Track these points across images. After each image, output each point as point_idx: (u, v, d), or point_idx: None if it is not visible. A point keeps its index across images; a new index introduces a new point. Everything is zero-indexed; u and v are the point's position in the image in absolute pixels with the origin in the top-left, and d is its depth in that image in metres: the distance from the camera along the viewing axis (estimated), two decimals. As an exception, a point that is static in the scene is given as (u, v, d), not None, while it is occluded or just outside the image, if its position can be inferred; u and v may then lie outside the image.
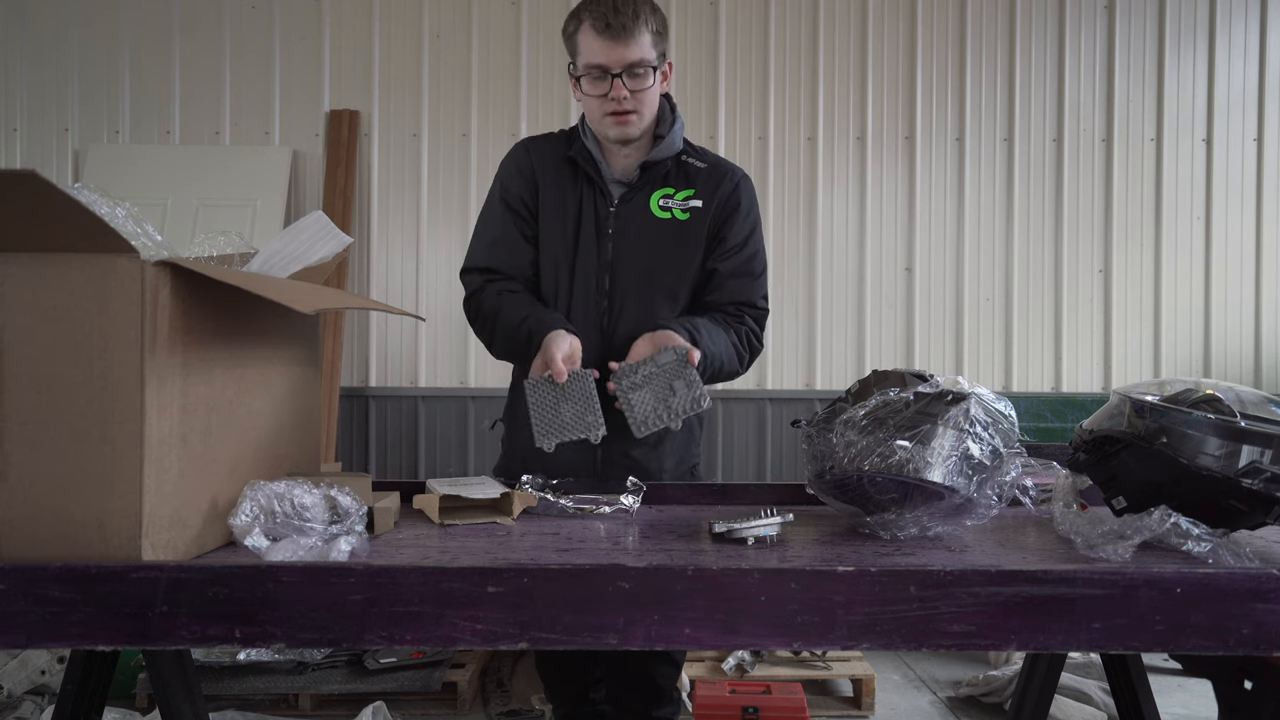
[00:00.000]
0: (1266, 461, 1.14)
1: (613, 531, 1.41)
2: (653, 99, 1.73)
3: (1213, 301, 4.09)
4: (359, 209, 3.97)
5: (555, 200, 1.81)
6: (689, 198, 1.80)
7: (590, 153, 1.80)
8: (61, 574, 1.00)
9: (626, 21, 1.64)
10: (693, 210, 1.80)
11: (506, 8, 3.98)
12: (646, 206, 1.80)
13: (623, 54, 1.66)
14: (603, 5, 1.65)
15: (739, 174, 1.86)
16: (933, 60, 4.05)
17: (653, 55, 1.69)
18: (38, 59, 3.97)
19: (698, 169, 1.82)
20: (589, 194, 1.81)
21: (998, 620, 1.00)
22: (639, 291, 1.80)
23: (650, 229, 1.79)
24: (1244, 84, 4.10)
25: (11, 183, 0.98)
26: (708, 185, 1.81)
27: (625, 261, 1.79)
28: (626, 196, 1.80)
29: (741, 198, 1.83)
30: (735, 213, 1.82)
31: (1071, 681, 2.97)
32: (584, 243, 1.80)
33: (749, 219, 1.85)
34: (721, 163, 1.86)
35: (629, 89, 1.68)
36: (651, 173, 1.80)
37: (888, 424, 1.29)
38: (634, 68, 1.67)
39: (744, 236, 1.83)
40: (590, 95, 1.72)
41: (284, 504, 1.20)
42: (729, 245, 1.82)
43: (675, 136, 1.81)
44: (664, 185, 1.81)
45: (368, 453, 3.93)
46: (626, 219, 1.80)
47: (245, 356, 1.30)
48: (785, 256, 4.01)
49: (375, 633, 1.01)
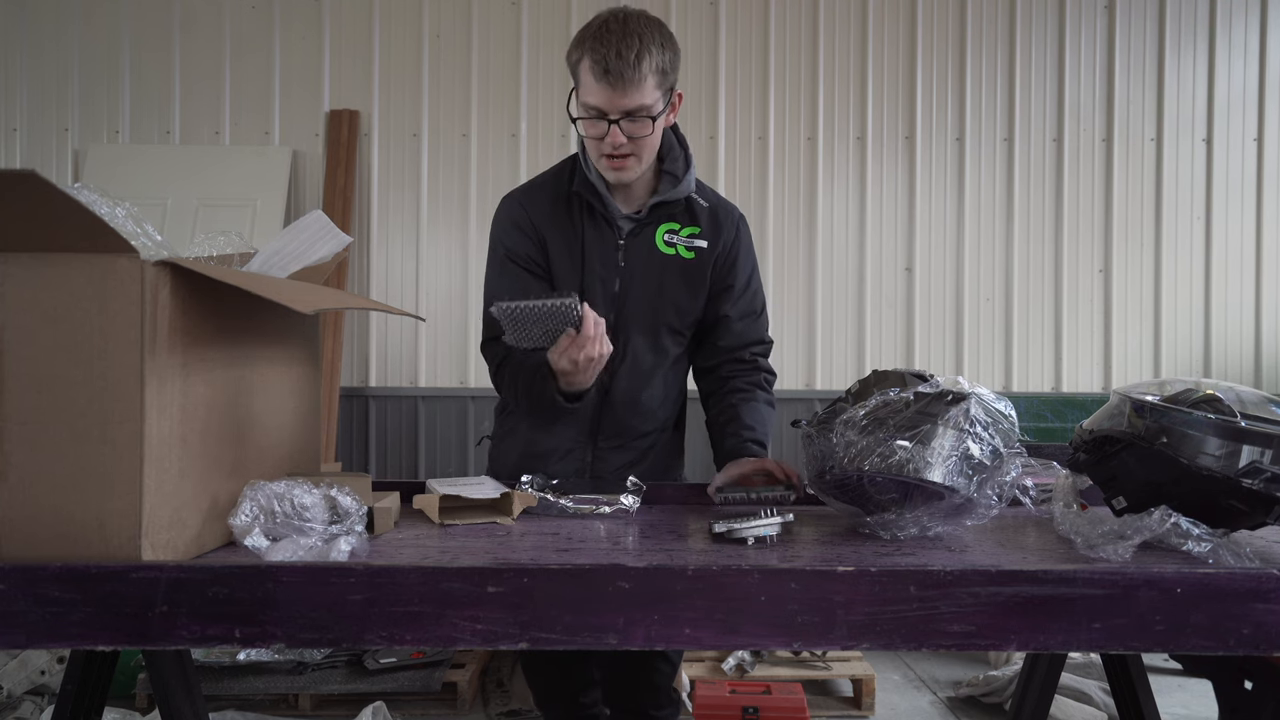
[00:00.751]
0: (1266, 461, 1.14)
1: (613, 531, 1.41)
2: (653, 143, 1.66)
3: (1213, 301, 4.09)
4: (359, 209, 3.97)
5: (562, 243, 1.75)
6: (693, 235, 1.77)
7: (594, 186, 1.73)
8: (61, 574, 1.00)
9: (626, 70, 1.53)
10: (698, 250, 1.77)
11: (506, 8, 3.98)
12: (653, 241, 1.76)
13: (621, 101, 1.57)
14: (605, 47, 1.54)
15: (738, 215, 1.85)
16: (933, 60, 4.05)
17: (655, 99, 1.59)
18: (38, 59, 3.97)
19: (703, 207, 1.78)
20: (594, 229, 1.75)
21: (998, 620, 1.00)
22: (645, 328, 1.77)
23: (655, 264, 1.76)
24: (1244, 84, 4.10)
25: (11, 183, 0.98)
26: (712, 226, 1.79)
27: (633, 297, 1.75)
28: (634, 231, 1.75)
29: (742, 242, 1.83)
30: (739, 259, 1.82)
31: (1071, 681, 2.97)
32: (590, 277, 1.75)
33: (749, 260, 1.85)
34: (722, 203, 1.84)
35: (626, 134, 1.60)
36: (664, 210, 1.76)
37: (888, 424, 1.29)
38: (633, 114, 1.59)
39: (746, 279, 1.84)
40: (588, 135, 1.65)
41: (284, 504, 1.20)
42: (736, 291, 1.81)
43: (689, 180, 1.76)
44: (670, 220, 1.77)
45: (368, 453, 3.93)
46: (634, 253, 1.75)
47: (245, 356, 1.30)
48: (785, 256, 4.01)
49: (375, 633, 1.01)
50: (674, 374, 1.86)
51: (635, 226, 1.76)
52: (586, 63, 1.57)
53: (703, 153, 3.99)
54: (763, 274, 4.16)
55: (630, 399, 1.79)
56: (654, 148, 1.68)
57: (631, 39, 1.55)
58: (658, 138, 1.67)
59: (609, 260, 1.75)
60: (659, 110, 1.62)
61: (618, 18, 1.58)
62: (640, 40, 1.55)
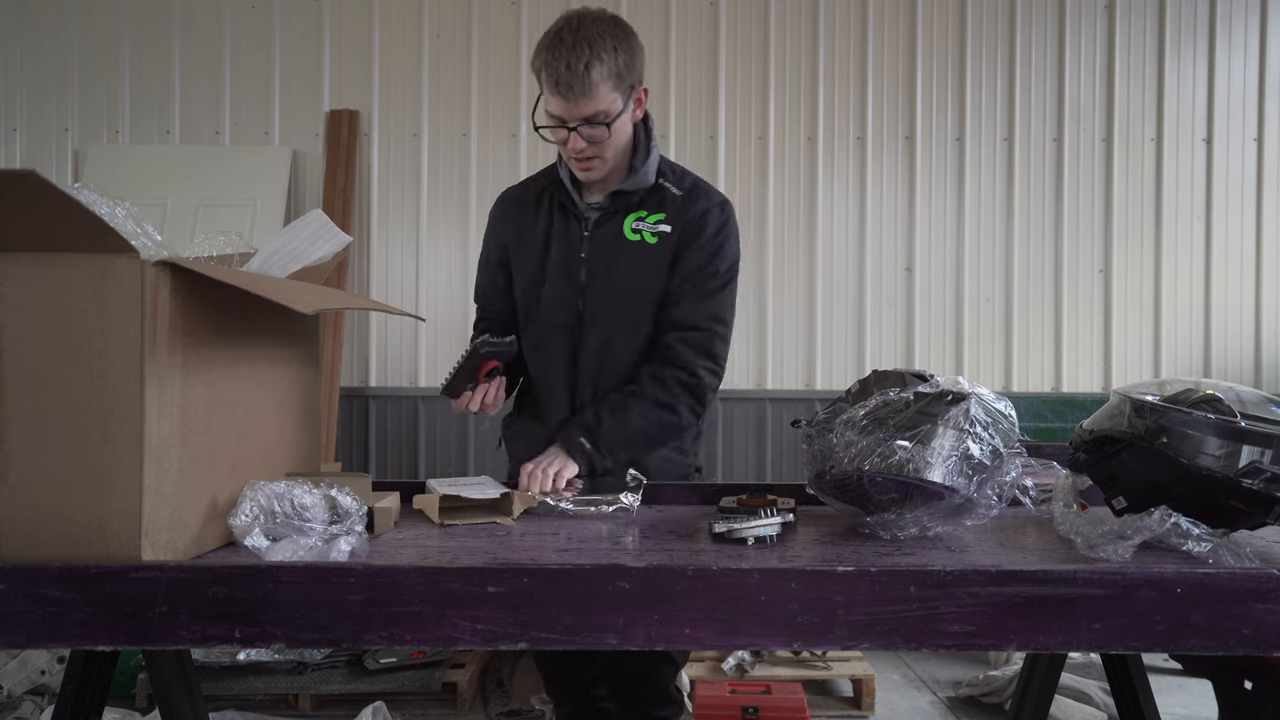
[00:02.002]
0: (1266, 461, 1.14)
1: (613, 531, 1.41)
2: (615, 142, 1.70)
3: (1213, 301, 4.09)
4: (359, 209, 3.97)
5: (527, 233, 1.84)
6: (659, 222, 1.77)
7: (563, 182, 1.80)
8: (61, 574, 1.00)
9: (576, 81, 1.58)
10: (661, 235, 1.77)
11: (506, 8, 3.98)
12: (620, 230, 1.78)
13: (577, 110, 1.62)
14: (557, 59, 1.59)
15: (715, 199, 1.80)
16: (933, 60, 4.05)
17: (611, 103, 1.63)
18: (38, 59, 3.97)
19: (674, 195, 1.79)
20: (561, 221, 1.81)
21: (998, 620, 1.00)
22: (615, 317, 1.78)
23: (621, 252, 1.77)
24: (1244, 84, 4.10)
25: (11, 183, 0.98)
26: (679, 211, 1.78)
27: (598, 286, 1.78)
28: (600, 221, 1.79)
29: (709, 222, 1.77)
30: (698, 236, 1.76)
31: (1071, 681, 2.97)
32: (553, 268, 1.80)
33: (714, 241, 1.77)
34: (699, 187, 1.81)
35: (585, 139, 1.65)
36: (624, 199, 1.79)
37: (888, 424, 1.29)
38: (590, 120, 1.63)
39: (705, 257, 1.76)
40: (552, 141, 1.71)
41: (284, 504, 1.20)
42: (684, 265, 1.76)
43: (648, 171, 1.77)
44: (639, 208, 1.79)
45: (368, 453, 3.93)
46: (598, 243, 1.78)
47: (245, 356, 1.30)
48: (785, 256, 4.01)
49: (375, 633, 1.01)
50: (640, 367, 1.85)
51: (601, 216, 1.79)
52: (543, 73, 1.63)
53: (703, 153, 3.99)
54: (763, 274, 4.12)
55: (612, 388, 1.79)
56: (619, 145, 1.72)
57: (581, 48, 1.58)
58: (621, 136, 1.71)
59: (573, 251, 1.79)
60: (617, 112, 1.66)
61: (571, 25, 1.62)
62: (590, 48, 1.59)
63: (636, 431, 1.71)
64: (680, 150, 3.97)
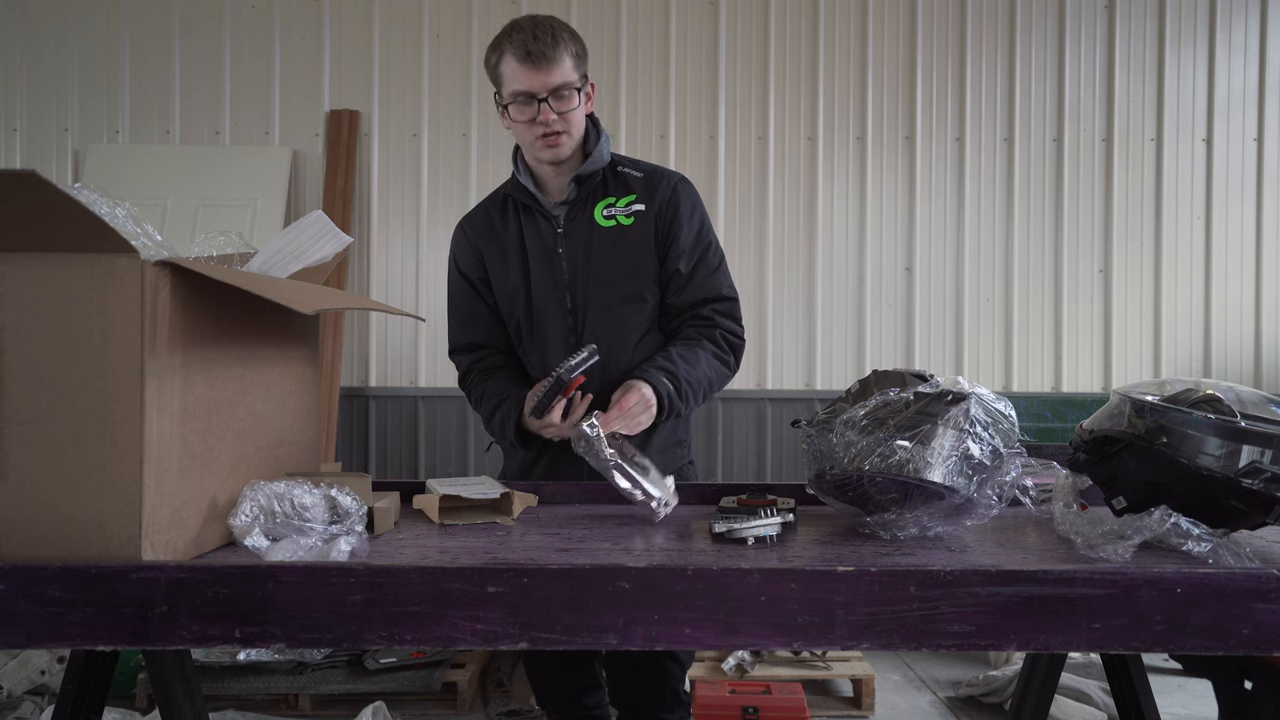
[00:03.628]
0: (1266, 461, 1.14)
1: (613, 531, 1.41)
2: (579, 119, 1.77)
3: (1213, 301, 4.09)
4: (359, 209, 3.97)
5: (499, 245, 1.87)
6: (631, 203, 1.84)
7: (525, 186, 1.84)
8: (61, 574, 1.00)
9: (546, 49, 1.68)
10: (636, 214, 1.83)
11: (506, 8, 3.98)
12: (591, 219, 1.83)
13: (546, 79, 1.69)
14: (522, 34, 1.69)
15: (675, 177, 1.89)
16: (933, 60, 4.05)
17: (575, 78, 1.73)
18: (38, 59, 3.97)
19: (635, 177, 1.86)
20: (531, 224, 1.85)
21: (998, 620, 1.00)
22: (604, 303, 1.82)
23: (599, 239, 1.82)
24: (1244, 84, 4.10)
25: (11, 183, 0.98)
26: (647, 190, 1.85)
27: (583, 277, 1.82)
28: (570, 215, 1.84)
29: (681, 198, 1.86)
30: (679, 213, 1.84)
31: (1071, 681, 2.97)
32: (536, 270, 1.84)
33: (695, 216, 1.87)
34: (657, 170, 1.90)
35: (555, 111, 1.71)
36: (587, 186, 1.84)
37: (888, 424, 1.29)
38: (558, 90, 1.71)
39: (695, 233, 1.86)
40: (519, 121, 1.75)
41: (284, 504, 1.20)
42: (682, 245, 1.84)
43: (603, 149, 1.84)
44: (605, 196, 1.84)
45: (368, 453, 3.93)
46: (574, 236, 1.83)
47: (245, 356, 1.30)
48: (785, 256, 4.01)
49: (375, 633, 1.01)
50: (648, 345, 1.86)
51: (570, 211, 1.84)
52: (508, 54, 1.71)
53: (703, 153, 3.99)
54: (763, 274, 4.13)
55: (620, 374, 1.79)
56: (580, 125, 1.79)
57: (544, 26, 1.71)
58: (582, 115, 1.79)
59: (549, 250, 1.83)
60: (579, 87, 1.75)
61: (527, 16, 1.75)
62: (553, 28, 1.72)
63: (704, 380, 1.79)
64: (680, 150, 3.98)
